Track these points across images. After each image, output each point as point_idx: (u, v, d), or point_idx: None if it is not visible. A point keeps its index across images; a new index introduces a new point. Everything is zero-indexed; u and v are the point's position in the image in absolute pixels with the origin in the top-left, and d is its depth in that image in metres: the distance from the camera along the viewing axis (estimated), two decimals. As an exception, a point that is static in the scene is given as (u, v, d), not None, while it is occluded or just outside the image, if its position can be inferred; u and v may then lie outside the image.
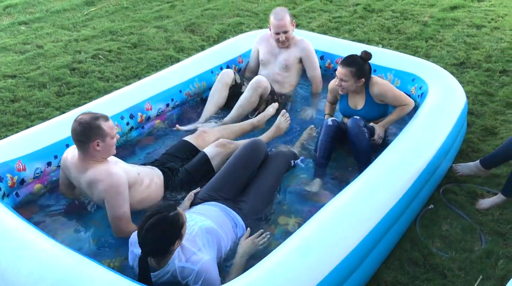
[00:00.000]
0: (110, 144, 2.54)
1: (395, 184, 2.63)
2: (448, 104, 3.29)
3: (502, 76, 4.53)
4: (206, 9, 6.13)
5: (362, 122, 3.13)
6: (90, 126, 2.46)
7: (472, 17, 5.89)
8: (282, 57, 3.77)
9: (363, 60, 3.17)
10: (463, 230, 2.83)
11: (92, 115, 2.51)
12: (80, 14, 5.93)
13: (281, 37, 3.66)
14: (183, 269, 2.13)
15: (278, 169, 2.89)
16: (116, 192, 2.48)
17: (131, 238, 2.29)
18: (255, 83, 3.56)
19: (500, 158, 3.05)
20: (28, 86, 4.32)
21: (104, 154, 2.55)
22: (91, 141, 2.47)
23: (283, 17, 3.63)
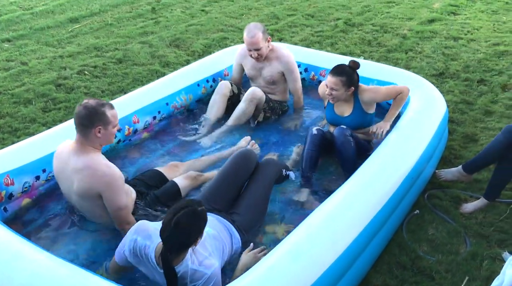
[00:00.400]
0: (111, 133, 2.57)
1: (380, 190, 2.69)
2: (430, 112, 3.39)
3: (480, 85, 4.68)
4: (190, 25, 6.21)
5: (348, 131, 3.19)
6: (96, 111, 2.48)
7: (449, 30, 6.09)
8: (266, 73, 3.81)
9: (352, 69, 3.24)
10: (449, 234, 2.90)
11: (98, 101, 2.53)
12: (64, 31, 5.95)
13: (253, 53, 3.69)
14: (194, 272, 2.12)
15: (269, 177, 2.90)
16: (116, 184, 2.50)
17: (138, 226, 2.25)
18: (250, 95, 3.65)
19: (481, 162, 3.15)
20: (13, 102, 4.31)
21: (104, 141, 2.57)
22: (93, 127, 2.48)
23: (254, 35, 3.60)
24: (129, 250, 2.22)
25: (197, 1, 7.20)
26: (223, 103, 3.76)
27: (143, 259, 2.19)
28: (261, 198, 2.81)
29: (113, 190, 2.50)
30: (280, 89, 3.90)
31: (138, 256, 2.20)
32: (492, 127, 3.95)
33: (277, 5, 7.07)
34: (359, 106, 3.32)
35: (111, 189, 2.50)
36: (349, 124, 3.31)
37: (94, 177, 2.48)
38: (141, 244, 2.17)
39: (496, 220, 3.00)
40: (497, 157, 3.02)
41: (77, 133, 2.54)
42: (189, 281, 2.13)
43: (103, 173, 2.49)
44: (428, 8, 6.96)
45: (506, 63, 5.12)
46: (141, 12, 6.66)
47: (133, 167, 3.36)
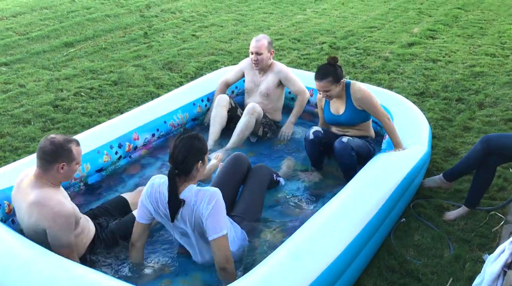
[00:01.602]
0: (73, 169, 2.53)
1: (372, 200, 2.86)
2: (415, 130, 3.61)
3: (458, 104, 4.97)
4: (182, 48, 6.44)
5: (349, 146, 3.29)
6: (62, 148, 2.45)
7: (428, 53, 6.43)
8: (263, 86, 4.04)
9: (333, 65, 3.32)
10: (433, 239, 3.09)
11: (65, 138, 2.50)
12: (59, 55, 6.12)
13: (254, 57, 3.94)
14: (198, 192, 2.41)
15: (263, 178, 3.09)
16: (65, 221, 2.42)
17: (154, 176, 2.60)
18: (251, 109, 3.86)
19: (460, 170, 3.37)
20: (12, 123, 4.44)
21: (64, 178, 2.53)
22: (57, 163, 2.44)
23: (260, 40, 3.94)
24: (147, 195, 2.50)
25: (188, 26, 7.46)
26: (225, 113, 3.96)
27: (158, 200, 2.46)
28: (258, 198, 3.00)
29: (58, 227, 2.40)
30: (273, 105, 4.10)
31: (154, 200, 2.47)
32: (471, 142, 4.20)
33: (265, 30, 7.37)
34: (351, 104, 3.41)
35: (56, 226, 2.40)
36: (346, 121, 3.45)
37: (42, 212, 2.41)
38: (157, 183, 2.49)
39: (477, 226, 3.20)
40: (474, 165, 3.24)
41: (37, 167, 2.49)
42: (193, 203, 2.38)
43: (51, 208, 2.40)
44: (408, 32, 7.34)
45: (482, 83, 5.44)
46: (133, 37, 6.88)
47: (132, 182, 3.51)
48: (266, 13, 8.32)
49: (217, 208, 2.38)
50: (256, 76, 4.09)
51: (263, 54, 3.94)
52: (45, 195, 2.44)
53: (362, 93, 3.38)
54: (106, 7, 8.12)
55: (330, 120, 3.58)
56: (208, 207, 2.36)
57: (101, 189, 3.40)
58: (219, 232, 2.37)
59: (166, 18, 7.81)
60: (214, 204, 2.37)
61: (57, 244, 2.44)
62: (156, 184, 2.50)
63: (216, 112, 3.97)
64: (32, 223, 2.46)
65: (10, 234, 2.45)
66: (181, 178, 2.42)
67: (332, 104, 3.52)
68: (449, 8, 8.76)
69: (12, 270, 2.21)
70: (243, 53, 6.23)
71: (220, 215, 2.40)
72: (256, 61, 3.96)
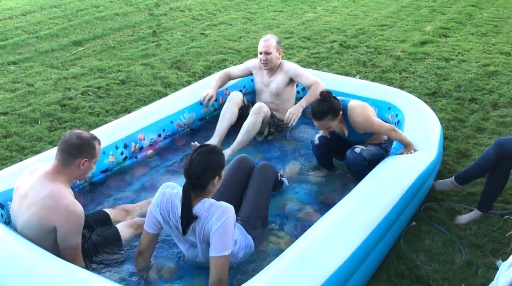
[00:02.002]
0: (91, 167, 2.55)
1: (381, 203, 2.80)
2: (427, 130, 3.53)
3: (472, 104, 4.86)
4: (191, 47, 6.40)
5: (362, 156, 3.27)
6: (88, 143, 2.47)
7: (440, 51, 6.30)
8: (273, 86, 4.00)
9: (328, 100, 3.16)
10: (444, 244, 3.01)
11: (91, 134, 2.54)
12: (68, 53, 6.12)
13: (263, 57, 3.89)
14: (211, 206, 2.34)
15: (268, 176, 3.02)
16: (77, 222, 2.41)
17: (165, 184, 2.51)
18: (257, 109, 3.81)
19: (472, 174, 3.28)
20: (20, 122, 4.43)
21: (81, 174, 2.53)
22: (80, 158, 2.45)
23: (269, 39, 3.91)
24: (157, 205, 2.43)
25: (197, 25, 7.42)
26: (236, 110, 3.92)
27: (170, 211, 2.40)
28: (264, 198, 2.93)
29: (70, 226, 2.38)
30: (284, 105, 4.04)
31: (165, 210, 2.41)
32: (484, 143, 4.10)
33: (274, 28, 7.30)
34: (352, 129, 3.32)
35: (68, 225, 2.38)
36: (354, 141, 3.38)
37: (55, 209, 2.36)
38: (169, 193, 2.43)
39: (490, 231, 3.11)
40: (487, 169, 3.15)
41: (57, 160, 2.45)
42: (206, 215, 2.32)
43: (65, 206, 2.37)
44: (420, 31, 7.21)
45: (496, 83, 5.32)
46: (142, 35, 6.85)
47: (138, 183, 3.47)
48: (276, 11, 8.25)
49: (226, 225, 2.30)
50: (264, 77, 4.04)
51: (272, 54, 3.89)
52: (59, 192, 2.40)
53: (361, 119, 3.26)
54: (115, 5, 8.11)
55: (337, 135, 3.49)
56: (218, 223, 2.29)
57: (107, 190, 3.36)
58: (222, 251, 2.30)
59: (175, 16, 7.78)
60: (224, 221, 2.30)
61: (65, 245, 2.41)
62: (168, 194, 2.43)
63: (227, 107, 3.91)
64: (38, 217, 2.39)
65: (13, 236, 2.41)
66: (196, 192, 2.36)
67: (337, 128, 3.39)
68: (463, 6, 8.60)
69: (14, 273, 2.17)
70: (252, 51, 6.17)
71: (228, 233, 2.32)
72: (265, 61, 3.90)
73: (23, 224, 2.46)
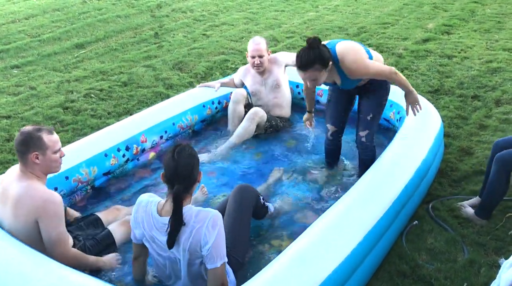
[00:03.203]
0: (51, 159, 2.45)
1: (379, 201, 2.80)
2: (426, 125, 3.52)
3: (474, 101, 4.83)
4: (192, 48, 6.41)
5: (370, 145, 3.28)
6: (30, 137, 2.40)
7: (443, 49, 6.27)
8: (271, 80, 4.07)
9: (316, 48, 2.79)
10: (447, 243, 2.99)
11: (35, 127, 2.46)
12: (70, 56, 6.14)
13: (256, 60, 3.95)
14: (198, 212, 2.21)
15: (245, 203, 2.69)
16: (54, 210, 2.36)
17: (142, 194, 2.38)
18: (252, 114, 3.86)
19: (491, 204, 3.11)
20: (22, 125, 4.44)
21: (44, 168, 2.46)
22: (29, 153, 2.39)
23: (259, 43, 3.97)
24: (134, 217, 2.31)
25: (198, 26, 7.43)
26: (242, 109, 4.01)
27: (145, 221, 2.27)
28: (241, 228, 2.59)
29: (48, 215, 2.36)
30: (286, 97, 4.14)
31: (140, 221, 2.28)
32: (487, 140, 4.07)
33: (276, 28, 7.30)
34: (346, 78, 3.00)
35: (46, 214, 2.36)
36: (348, 88, 3.15)
37: (31, 203, 2.36)
38: (145, 201, 2.31)
39: (493, 229, 3.09)
40: (504, 189, 3.04)
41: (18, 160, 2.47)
42: (193, 222, 2.18)
43: (40, 197, 2.37)
44: (422, 28, 7.18)
45: (499, 79, 5.28)
46: (144, 37, 6.87)
47: (140, 185, 3.48)
48: (278, 11, 8.24)
49: (221, 234, 2.20)
50: (257, 77, 4.10)
51: (264, 57, 3.98)
52: (30, 186, 2.40)
53: (356, 66, 2.90)
54: (118, 7, 8.14)
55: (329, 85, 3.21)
56: (213, 233, 2.16)
57: (109, 193, 3.38)
58: (220, 260, 2.21)
59: (177, 17, 7.79)
60: (219, 230, 2.18)
61: (49, 237, 2.38)
62: (144, 203, 2.31)
63: (234, 110, 4.01)
64: (21, 219, 2.38)
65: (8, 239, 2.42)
66: (185, 195, 2.23)
67: (327, 78, 3.00)
68: (465, 3, 8.55)
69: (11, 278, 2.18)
70: (254, 52, 6.16)
71: (223, 242, 2.23)
72: (258, 65, 3.98)
73: (9, 227, 2.45)
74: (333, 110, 3.38)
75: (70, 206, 3.11)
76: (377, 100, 3.24)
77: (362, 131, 3.26)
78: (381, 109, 3.29)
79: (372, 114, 3.23)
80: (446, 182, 3.59)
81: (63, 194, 3.10)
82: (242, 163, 3.72)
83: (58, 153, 2.50)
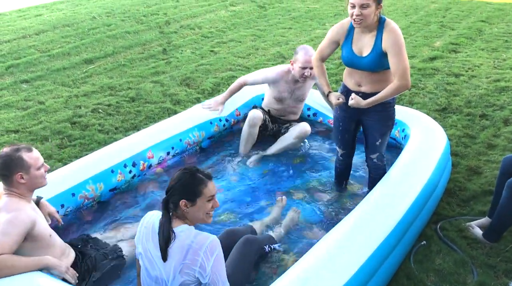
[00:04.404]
0: (36, 175, 2.44)
1: (384, 220, 2.77)
2: (431, 143, 3.51)
3: (482, 120, 4.81)
4: (200, 64, 6.45)
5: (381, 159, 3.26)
6: (10, 159, 2.38)
7: (450, 67, 6.28)
8: (299, 92, 4.07)
9: None
10: (456, 264, 2.95)
11: (13, 147, 2.43)
12: (79, 71, 6.20)
13: (307, 72, 3.83)
14: (197, 234, 2.17)
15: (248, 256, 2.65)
16: (10, 220, 2.31)
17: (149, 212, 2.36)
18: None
19: (500, 228, 3.08)
20: (30, 140, 4.48)
21: (31, 186, 2.45)
22: (13, 174, 2.38)
23: (313, 54, 3.65)
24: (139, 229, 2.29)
25: (206, 42, 7.49)
26: (257, 132, 4.00)
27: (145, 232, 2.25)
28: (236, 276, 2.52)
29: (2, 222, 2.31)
30: (300, 108, 4.23)
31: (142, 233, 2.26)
32: (495, 160, 4.04)
33: (283, 45, 7.34)
34: (379, 45, 2.88)
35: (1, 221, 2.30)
36: (367, 66, 2.97)
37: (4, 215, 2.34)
38: (149, 216, 2.30)
39: (503, 251, 3.05)
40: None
41: None
42: (189, 243, 2.13)
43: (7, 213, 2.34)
44: (429, 46, 7.20)
45: (507, 99, 5.26)
46: (152, 53, 6.93)
47: (145, 201, 3.46)
48: (285, 28, 8.30)
49: (219, 260, 2.15)
50: (289, 85, 4.01)
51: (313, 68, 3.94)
52: (8, 202, 2.39)
53: (395, 35, 2.83)
54: (127, 23, 8.23)
55: (349, 61, 3.04)
56: (210, 259, 2.12)
57: (114, 209, 3.36)
58: (222, 284, 2.16)
59: (185, 34, 7.87)
60: (216, 257, 2.13)
61: None
62: (149, 218, 2.30)
63: (248, 132, 3.97)
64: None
65: None
66: (177, 213, 2.21)
67: (355, 41, 2.96)
68: (473, 21, 8.58)
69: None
70: (261, 68, 6.18)
71: (223, 267, 2.18)
72: (309, 75, 3.87)
73: None
74: (341, 137, 3.37)
75: (76, 221, 3.11)
76: (383, 129, 3.19)
77: (373, 154, 3.27)
78: (388, 133, 3.24)
79: (380, 140, 3.21)
80: (454, 202, 3.55)
81: (69, 210, 3.10)
82: (249, 179, 3.72)
83: (42, 168, 2.48)
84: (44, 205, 2.82)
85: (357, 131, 3.37)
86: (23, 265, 2.31)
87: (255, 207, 3.40)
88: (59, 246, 2.59)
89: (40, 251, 2.44)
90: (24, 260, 2.33)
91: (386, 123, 3.16)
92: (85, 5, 9.34)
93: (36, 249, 2.43)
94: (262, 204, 3.44)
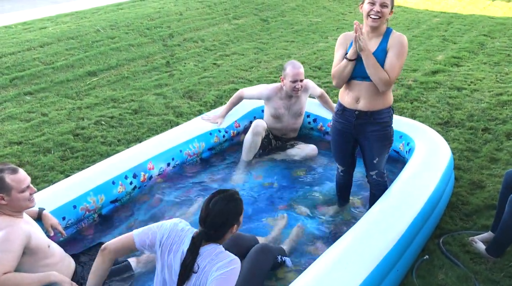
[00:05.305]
0: (18, 198, 2.40)
1: (386, 235, 2.75)
2: (435, 157, 3.50)
3: (485, 134, 4.80)
4: (203, 77, 6.48)
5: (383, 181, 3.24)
6: None
7: (452, 81, 6.28)
8: (296, 107, 4.10)
9: None
10: (458, 279, 2.92)
11: None
12: (83, 84, 6.23)
13: (297, 85, 3.92)
14: (220, 252, 2.17)
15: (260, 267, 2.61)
16: (4, 237, 2.30)
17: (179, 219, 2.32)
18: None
19: (504, 244, 3.06)
20: (33, 151, 4.49)
21: (13, 207, 2.41)
22: None
23: (300, 67, 3.96)
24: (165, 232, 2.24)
25: (209, 55, 7.53)
26: (260, 141, 4.04)
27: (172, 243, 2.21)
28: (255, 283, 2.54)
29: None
30: (300, 124, 4.25)
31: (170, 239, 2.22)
32: (498, 174, 4.02)
33: (285, 58, 7.37)
34: (384, 46, 2.94)
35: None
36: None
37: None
38: (181, 227, 2.26)
39: (506, 266, 3.02)
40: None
41: None
42: (212, 259, 2.13)
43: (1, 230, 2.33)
44: (431, 60, 7.22)
45: (510, 113, 5.26)
46: (156, 65, 6.97)
47: (147, 213, 3.46)
48: (288, 41, 8.35)
49: (229, 276, 2.09)
50: (284, 101, 4.08)
51: (303, 79, 3.99)
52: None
53: (403, 39, 2.93)
54: (130, 36, 8.29)
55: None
56: (218, 271, 2.09)
57: (116, 220, 3.36)
58: None
59: (188, 47, 7.92)
60: (229, 271, 2.09)
61: None
62: (180, 228, 2.27)
63: (251, 140, 4.01)
64: None
65: None
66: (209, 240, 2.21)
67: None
68: (475, 35, 8.61)
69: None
70: (263, 81, 6.22)
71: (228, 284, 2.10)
72: (300, 88, 3.95)
73: None
74: (339, 157, 3.36)
75: (78, 234, 3.10)
76: (380, 149, 3.15)
77: (371, 171, 3.25)
78: (386, 152, 3.20)
79: (378, 158, 3.17)
80: (457, 216, 3.53)
81: (71, 223, 3.09)
82: (252, 190, 3.71)
83: (27, 191, 2.44)
84: (47, 216, 2.83)
85: (355, 149, 3.33)
86: (28, 282, 2.29)
87: (256, 221, 3.38)
88: (59, 255, 2.58)
89: (41, 263, 2.42)
90: (29, 277, 2.30)
91: (383, 143, 3.15)
92: (90, 18, 9.42)
93: (36, 261, 2.41)
94: (263, 218, 3.42)
